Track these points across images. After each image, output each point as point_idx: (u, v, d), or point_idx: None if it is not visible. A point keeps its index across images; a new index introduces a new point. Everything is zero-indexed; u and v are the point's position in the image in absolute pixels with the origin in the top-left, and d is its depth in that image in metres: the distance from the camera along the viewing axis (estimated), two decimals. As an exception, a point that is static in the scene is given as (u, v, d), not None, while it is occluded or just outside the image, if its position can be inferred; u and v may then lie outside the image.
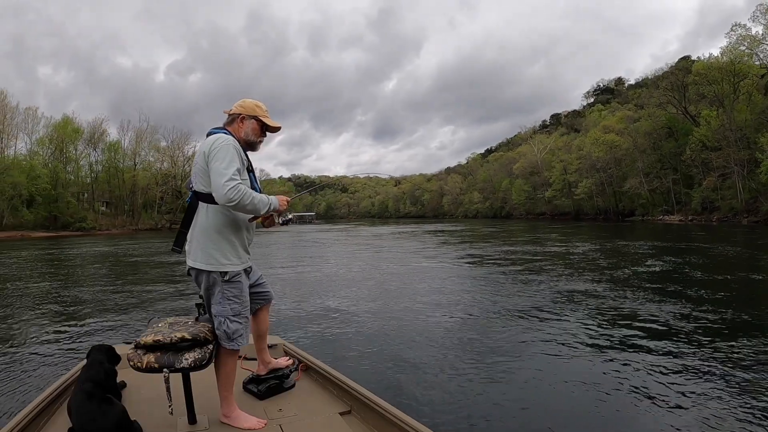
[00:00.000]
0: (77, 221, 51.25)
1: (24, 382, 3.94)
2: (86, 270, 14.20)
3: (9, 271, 13.81)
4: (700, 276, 9.39)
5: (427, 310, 6.68)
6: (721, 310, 6.21)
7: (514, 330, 5.50)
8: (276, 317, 6.30)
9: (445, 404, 3.42)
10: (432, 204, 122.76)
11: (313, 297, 8.00)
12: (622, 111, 67.43)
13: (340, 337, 5.36)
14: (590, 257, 13.53)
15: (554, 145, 77.51)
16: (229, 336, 2.11)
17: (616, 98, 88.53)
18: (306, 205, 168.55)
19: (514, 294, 7.83)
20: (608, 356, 4.44)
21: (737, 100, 42.24)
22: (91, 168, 61.87)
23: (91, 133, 60.26)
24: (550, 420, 3.16)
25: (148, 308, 7.35)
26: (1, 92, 51.53)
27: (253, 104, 2.29)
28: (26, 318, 6.83)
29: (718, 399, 3.39)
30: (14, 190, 46.08)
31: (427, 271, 11.20)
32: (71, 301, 8.20)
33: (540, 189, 75.41)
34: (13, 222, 46.46)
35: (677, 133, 48.88)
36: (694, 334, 5.10)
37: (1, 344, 5.31)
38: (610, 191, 59.92)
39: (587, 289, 8.03)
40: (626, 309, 6.46)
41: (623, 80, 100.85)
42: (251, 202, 2.02)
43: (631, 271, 10.31)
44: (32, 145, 55.61)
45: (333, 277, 10.65)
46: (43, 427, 2.09)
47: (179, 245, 2.19)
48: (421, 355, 4.55)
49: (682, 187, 48.14)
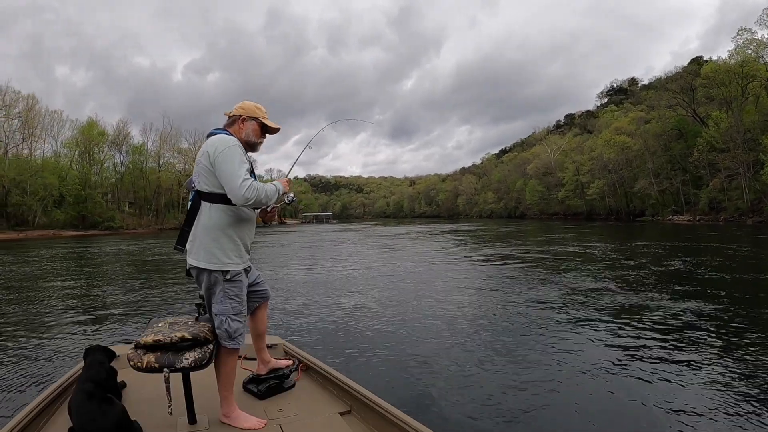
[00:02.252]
0: (105, 221, 52.38)
1: (24, 382, 3.88)
2: (109, 268, 14.45)
3: (34, 269, 14.13)
4: (721, 276, 9.11)
5: (431, 310, 6.56)
6: (742, 311, 6.00)
7: (521, 331, 5.37)
8: (280, 317, 6.24)
9: (445, 404, 3.34)
10: (447, 204, 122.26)
11: (319, 296, 7.90)
12: (634, 112, 66.92)
13: (341, 336, 5.26)
14: (609, 258, 13.18)
15: (567, 146, 76.87)
16: (230, 335, 2.09)
17: (629, 98, 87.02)
18: (321, 205, 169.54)
19: (524, 294, 7.67)
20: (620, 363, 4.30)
21: (746, 102, 42.11)
22: (115, 169, 62.98)
23: (115, 135, 61.50)
24: (552, 421, 3.07)
25: (163, 306, 7.31)
26: (32, 97, 52.86)
27: (253, 106, 2.30)
28: (33, 316, 6.77)
29: (747, 402, 3.26)
30: (46, 190, 47.37)
31: (440, 272, 11.08)
32: (85, 299, 8.21)
33: (553, 189, 74.85)
34: (45, 221, 47.78)
35: (687, 135, 48.81)
36: (725, 337, 4.91)
37: (3, 344, 5.23)
38: (621, 192, 59.83)
39: (602, 288, 7.85)
40: (651, 312, 6.23)
41: (636, 80, 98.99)
42: (266, 195, 2.07)
43: (651, 271, 10.00)
44: (57, 147, 56.79)
45: (343, 277, 10.58)
46: (43, 427, 2.07)
47: (182, 244, 2.17)
48: (422, 356, 4.45)
49: (690, 188, 48.30)
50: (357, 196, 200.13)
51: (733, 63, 42.68)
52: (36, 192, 46.45)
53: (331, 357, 4.34)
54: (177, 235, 2.18)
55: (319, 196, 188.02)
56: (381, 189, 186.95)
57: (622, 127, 60.63)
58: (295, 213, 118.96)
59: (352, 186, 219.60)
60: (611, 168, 58.94)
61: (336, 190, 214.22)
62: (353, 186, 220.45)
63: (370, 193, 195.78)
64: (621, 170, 57.93)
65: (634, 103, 77.87)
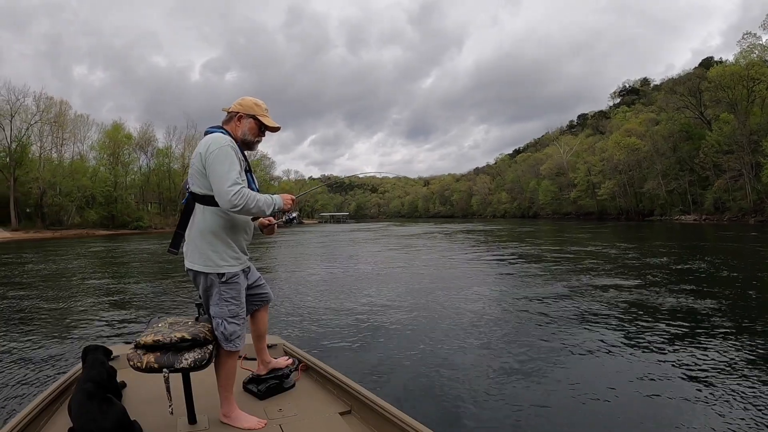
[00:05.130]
0: (134, 220, 53.54)
1: (24, 382, 3.77)
2: (126, 267, 14.57)
3: (62, 266, 14.45)
4: (729, 275, 8.80)
5: (436, 310, 6.42)
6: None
7: (526, 331, 5.22)
8: (284, 316, 6.13)
9: (445, 404, 3.24)
10: (461, 204, 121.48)
11: (324, 296, 7.71)
12: (645, 113, 65.90)
13: (342, 336, 5.12)
14: (626, 258, 12.78)
15: (579, 148, 75.93)
16: (226, 337, 2.03)
17: (641, 99, 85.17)
18: (336, 205, 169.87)
19: (531, 294, 7.50)
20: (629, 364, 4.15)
21: (752, 104, 42.06)
22: (140, 171, 63.99)
23: (140, 137, 62.56)
24: (556, 422, 2.95)
25: (166, 306, 7.20)
26: (65, 103, 54.28)
27: (252, 102, 2.17)
28: (37, 313, 6.74)
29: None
30: (79, 191, 48.67)
31: (452, 271, 10.93)
32: (91, 298, 8.12)
33: (565, 190, 74.07)
34: (78, 221, 49.12)
35: (694, 136, 48.75)
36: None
37: (5, 341, 5.16)
38: (631, 192, 59.51)
39: (623, 287, 7.62)
40: (685, 314, 6.01)
41: (649, 80, 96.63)
42: (256, 205, 1.93)
43: (671, 272, 9.67)
44: (84, 150, 57.88)
45: (354, 276, 10.46)
46: (43, 427, 2.04)
47: (175, 247, 2.10)
48: (423, 356, 4.33)
49: (697, 188, 48.52)
50: (372, 196, 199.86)
51: (737, 67, 42.73)
52: (71, 193, 47.77)
53: (332, 357, 4.25)
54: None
55: (334, 196, 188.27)
56: (395, 189, 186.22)
57: (632, 129, 60.07)
58: (312, 213, 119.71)
59: (367, 186, 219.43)
60: (621, 169, 58.57)
61: (350, 190, 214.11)
62: (367, 186, 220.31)
63: (385, 193, 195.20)
64: (631, 171, 57.64)
65: (646, 104, 76.36)
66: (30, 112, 48.36)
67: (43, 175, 46.80)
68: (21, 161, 45.80)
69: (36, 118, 48.96)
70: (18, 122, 46.83)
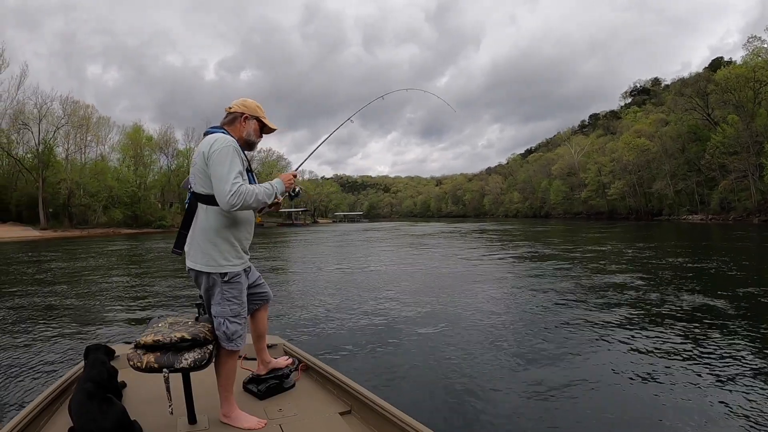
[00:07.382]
0: (157, 219, 54.43)
1: (25, 381, 3.71)
2: (141, 265, 14.71)
3: (84, 264, 14.70)
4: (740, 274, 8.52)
5: (440, 309, 6.30)
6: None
7: (533, 332, 5.09)
8: (285, 316, 6.04)
9: (446, 404, 3.17)
10: (473, 204, 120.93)
11: (329, 295, 7.58)
12: (655, 114, 65.10)
13: (342, 336, 5.01)
14: (641, 257, 12.47)
15: (590, 148, 75.04)
16: (228, 337, 1.99)
17: (651, 99, 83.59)
18: (349, 204, 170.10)
19: (541, 294, 7.35)
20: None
21: (759, 106, 41.73)
22: (161, 171, 64.86)
23: (160, 139, 63.48)
24: (556, 421, 2.86)
25: (168, 305, 7.09)
26: (91, 107, 55.33)
27: (255, 104, 2.20)
28: (39, 311, 6.66)
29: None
30: (106, 191, 49.67)
31: (462, 271, 10.80)
32: (96, 296, 8.03)
33: (576, 189, 73.29)
34: (104, 220, 50.17)
35: (702, 138, 48.52)
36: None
37: (6, 341, 5.04)
38: (640, 192, 59.25)
39: (637, 286, 7.43)
40: (702, 314, 5.87)
41: (660, 80, 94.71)
42: (255, 200, 1.91)
43: (681, 270, 9.47)
44: (105, 151, 58.67)
45: (363, 275, 10.40)
46: (44, 427, 2.02)
47: (179, 247, 2.08)
48: (424, 356, 4.23)
49: (704, 189, 48.52)
50: (384, 196, 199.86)
51: (744, 69, 42.39)
52: (98, 193, 48.77)
53: (333, 357, 4.19)
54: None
55: (346, 195, 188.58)
56: (408, 189, 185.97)
57: (642, 129, 59.61)
58: (326, 212, 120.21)
59: (379, 186, 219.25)
60: (631, 169, 58.21)
61: (363, 190, 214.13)
62: (380, 186, 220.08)
63: (397, 192, 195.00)
64: (640, 171, 57.36)
65: (656, 104, 75.05)
66: (56, 116, 49.49)
67: (70, 176, 47.85)
68: (48, 163, 46.84)
69: (63, 122, 50.08)
70: (45, 125, 47.91)
